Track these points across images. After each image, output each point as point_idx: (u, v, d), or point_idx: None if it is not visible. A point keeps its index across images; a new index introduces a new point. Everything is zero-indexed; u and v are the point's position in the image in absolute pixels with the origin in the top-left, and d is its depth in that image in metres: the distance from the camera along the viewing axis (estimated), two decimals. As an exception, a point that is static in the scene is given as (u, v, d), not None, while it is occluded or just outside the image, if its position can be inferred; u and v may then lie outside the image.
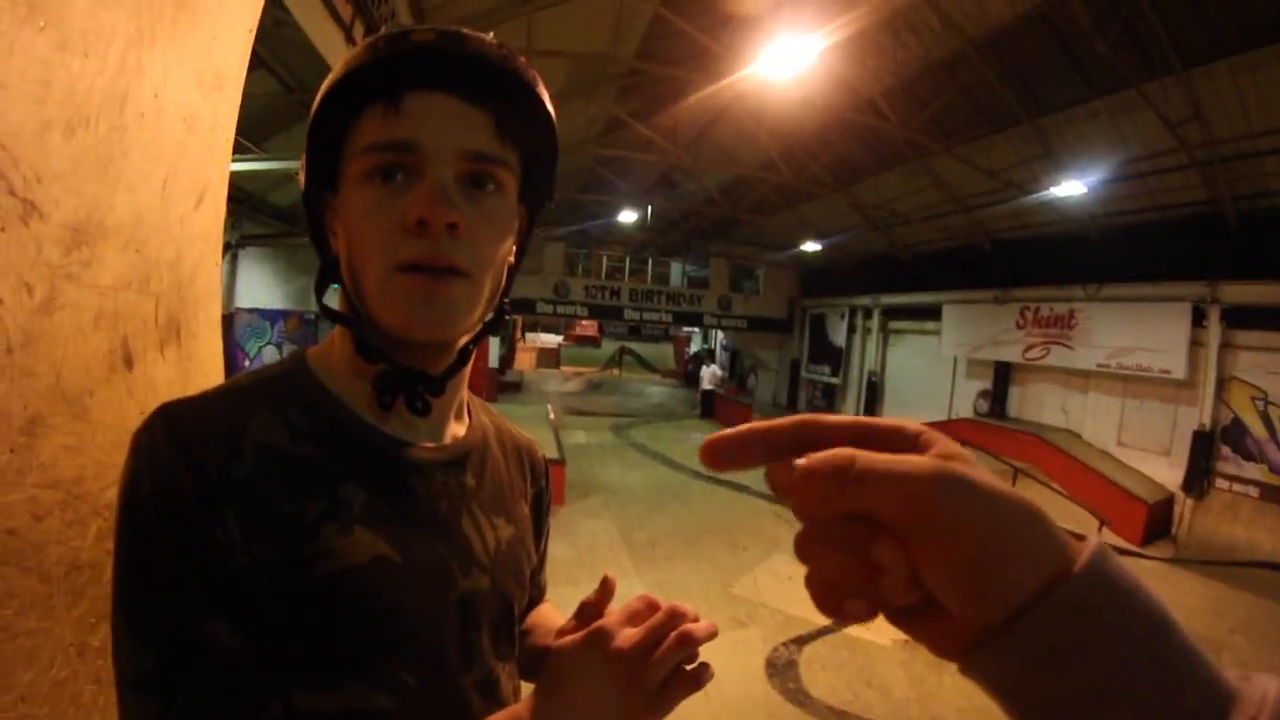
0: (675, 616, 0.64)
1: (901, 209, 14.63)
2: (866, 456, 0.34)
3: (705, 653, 1.37)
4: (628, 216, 16.33)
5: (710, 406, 19.07)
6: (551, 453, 10.64)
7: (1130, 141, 9.80)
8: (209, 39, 1.25)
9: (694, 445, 15.04)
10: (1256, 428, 9.82)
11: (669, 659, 0.63)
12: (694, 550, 8.93)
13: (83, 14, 0.88)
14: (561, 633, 0.69)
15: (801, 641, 6.70)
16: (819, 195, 15.29)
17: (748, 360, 25.16)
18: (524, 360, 28.63)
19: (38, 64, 0.82)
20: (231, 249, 11.62)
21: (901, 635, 1.69)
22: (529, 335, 33.24)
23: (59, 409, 0.91)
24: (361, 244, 0.68)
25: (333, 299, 0.78)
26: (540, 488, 0.99)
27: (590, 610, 0.69)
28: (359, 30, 4.82)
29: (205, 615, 0.59)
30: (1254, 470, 9.81)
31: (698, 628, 0.65)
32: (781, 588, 7.93)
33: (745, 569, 8.42)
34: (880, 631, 7.00)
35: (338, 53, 4.61)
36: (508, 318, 0.79)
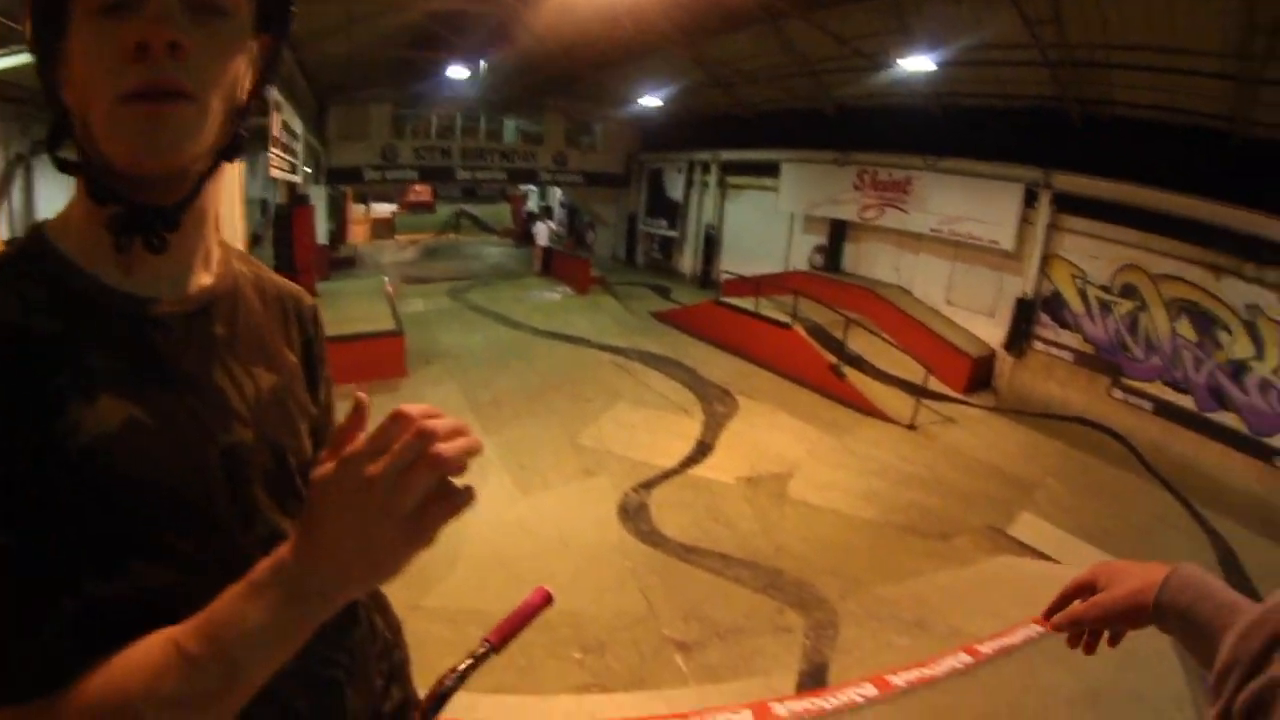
0: (424, 436, 0.58)
1: (747, 68, 14.46)
2: (1086, 607, 0.91)
3: (560, 504, 1.35)
4: (459, 74, 15.12)
5: (549, 263, 18.87)
6: (388, 325, 10.25)
7: (986, 30, 10.08)
8: None
9: (534, 303, 15.14)
10: (1074, 302, 11.09)
11: (417, 484, 0.57)
12: (539, 405, 9.05)
13: None
14: (317, 464, 0.63)
15: (649, 485, 7.06)
16: (662, 49, 14.74)
17: (585, 216, 24.88)
18: (357, 233, 26.72)
19: None
20: (24, 159, 9.69)
21: (744, 473, 4.13)
22: (372, 206, 30.98)
23: None
24: (89, 81, 0.65)
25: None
26: (310, 335, 0.95)
27: (342, 437, 0.62)
28: None
29: None
30: (1070, 338, 11.15)
31: (449, 447, 0.59)
32: (625, 435, 8.24)
33: (590, 419, 8.65)
34: (722, 470, 7.50)
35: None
36: (243, 137, 0.75)
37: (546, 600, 1.15)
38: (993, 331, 12.03)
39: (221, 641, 0.56)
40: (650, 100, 17.30)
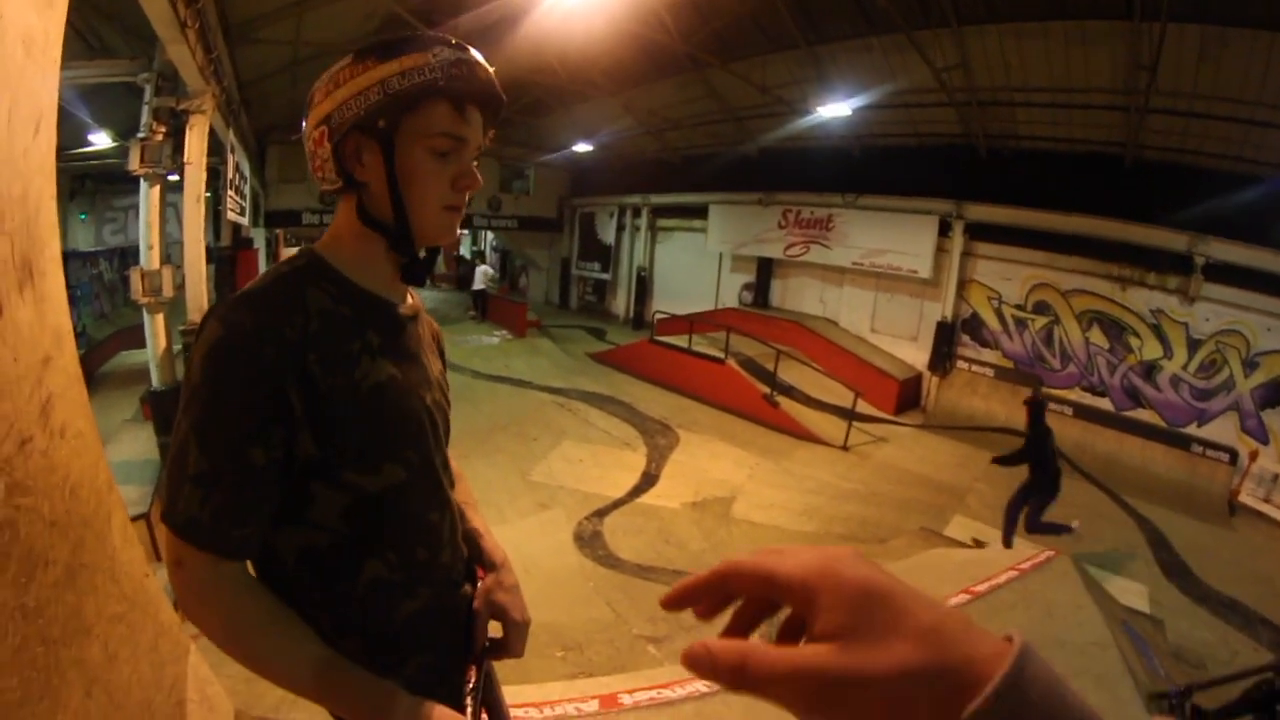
0: None
1: (674, 115, 15.08)
2: (757, 659, 0.37)
3: (519, 536, 1.63)
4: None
5: (484, 307, 18.90)
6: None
7: (898, 77, 10.94)
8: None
9: (474, 347, 15.13)
10: (991, 321, 11.96)
11: None
12: (487, 445, 9.13)
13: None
14: None
15: (601, 514, 7.31)
16: (592, 98, 15.28)
17: (519, 260, 25.01)
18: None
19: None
20: None
21: (690, 498, 5.09)
22: (291, 250, 30.17)
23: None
24: (423, 190, 1.02)
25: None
26: (442, 346, 1.35)
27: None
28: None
29: (248, 443, 0.89)
30: (989, 355, 12.00)
31: None
32: (574, 470, 8.44)
33: (539, 456, 8.80)
34: (668, 497, 7.75)
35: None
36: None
37: None
38: (917, 354, 12.75)
39: (325, 686, 0.93)
40: (582, 146, 17.72)
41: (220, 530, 0.89)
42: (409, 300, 1.17)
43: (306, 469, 0.95)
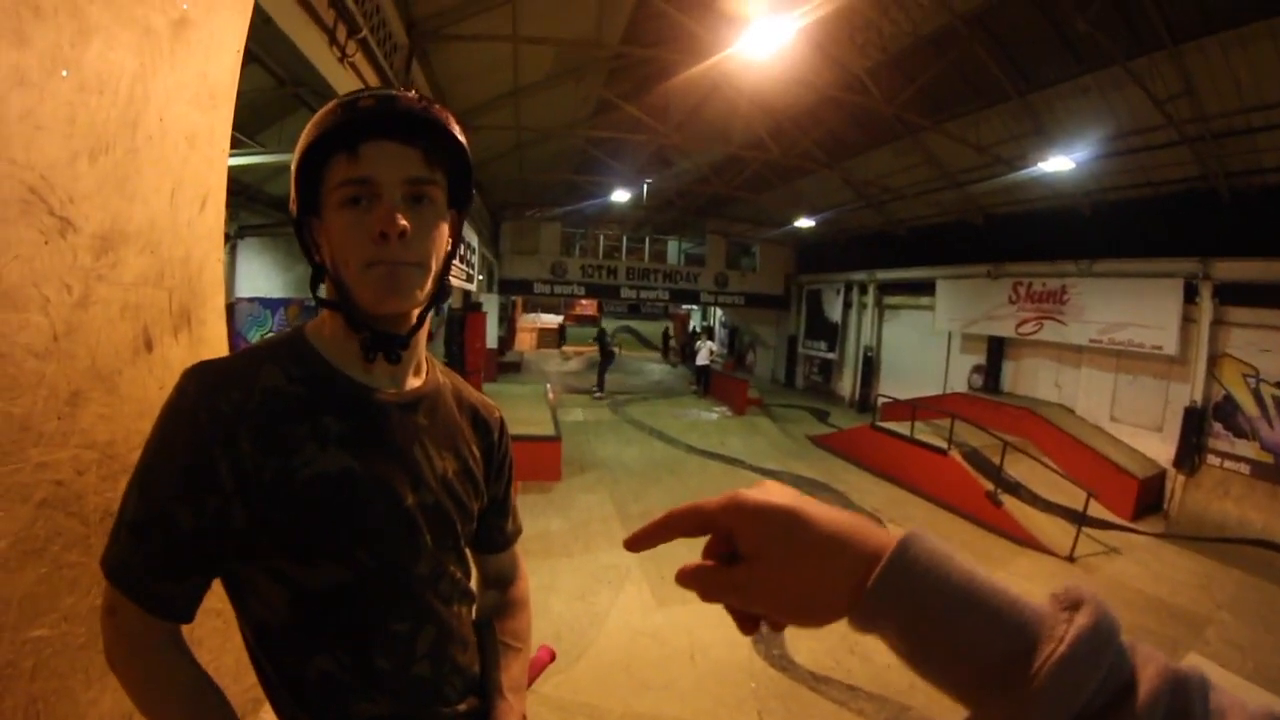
0: None
1: (894, 185, 14.74)
2: (706, 578, 0.55)
3: (696, 620, 1.60)
4: (622, 196, 16.39)
5: (707, 382, 19.21)
6: (547, 430, 10.79)
7: (1121, 117, 9.83)
8: (202, 64, 1.44)
9: (690, 421, 15.38)
10: (1248, 405, 9.91)
11: None
12: (688, 522, 9.09)
13: (96, 58, 1.07)
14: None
15: (787, 611, 6.90)
16: (811, 171, 15.40)
17: (746, 337, 25.28)
18: (524, 340, 28.58)
19: (64, 105, 1.02)
20: (230, 240, 11.85)
21: None
22: (529, 316, 33.14)
23: (95, 385, 1.13)
24: (343, 252, 0.95)
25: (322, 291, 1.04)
26: (493, 440, 1.22)
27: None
28: (341, 33, 4.92)
29: (177, 503, 0.88)
30: (1245, 447, 9.92)
31: None
32: (773, 558, 8.11)
33: (737, 540, 8.59)
34: (865, 605, 7.20)
35: (322, 55, 4.73)
36: (447, 287, 1.07)
37: (551, 658, 1.33)
38: (1161, 448, 10.95)
39: None
40: (804, 221, 17.78)
41: (150, 583, 0.88)
42: (409, 384, 1.07)
43: (244, 548, 0.92)
